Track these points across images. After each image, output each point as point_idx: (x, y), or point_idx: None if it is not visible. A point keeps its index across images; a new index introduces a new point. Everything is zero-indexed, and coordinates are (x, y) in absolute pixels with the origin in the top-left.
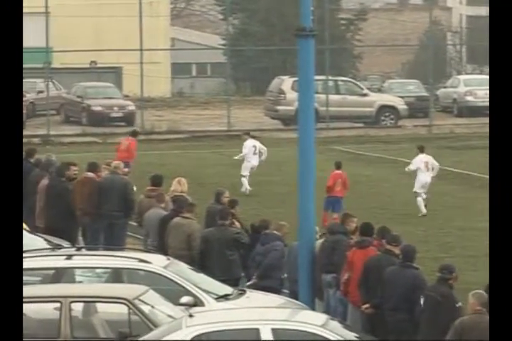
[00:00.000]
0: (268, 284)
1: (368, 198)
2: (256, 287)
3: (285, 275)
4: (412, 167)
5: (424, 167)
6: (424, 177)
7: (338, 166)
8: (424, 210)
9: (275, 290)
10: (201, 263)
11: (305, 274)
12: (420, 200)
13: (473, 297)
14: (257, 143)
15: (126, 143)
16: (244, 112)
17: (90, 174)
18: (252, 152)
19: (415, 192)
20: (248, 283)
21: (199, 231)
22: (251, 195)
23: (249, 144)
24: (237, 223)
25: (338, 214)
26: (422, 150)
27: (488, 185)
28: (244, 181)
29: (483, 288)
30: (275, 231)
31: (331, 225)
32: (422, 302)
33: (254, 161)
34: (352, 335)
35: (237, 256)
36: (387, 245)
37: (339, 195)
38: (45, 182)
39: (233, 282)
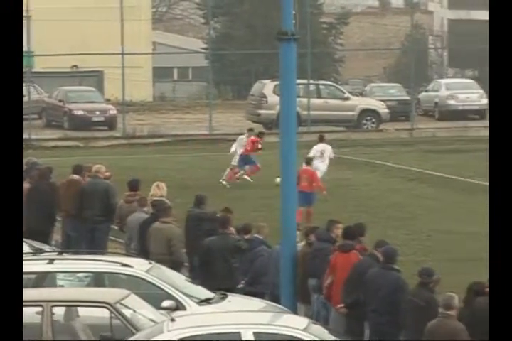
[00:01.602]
0: (257, 290)
1: (349, 202)
2: (245, 292)
3: None
4: (311, 154)
5: (319, 155)
6: (317, 164)
7: (307, 162)
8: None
9: (264, 296)
10: (203, 272)
11: (287, 278)
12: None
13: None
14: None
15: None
16: (226, 116)
17: (75, 176)
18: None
19: None
20: (238, 286)
21: (180, 236)
22: (235, 198)
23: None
24: (231, 229)
25: (302, 209)
26: (321, 139)
27: (469, 188)
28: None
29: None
30: (256, 235)
31: (319, 232)
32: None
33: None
34: (334, 339)
35: (238, 264)
36: (374, 250)
37: (306, 189)
38: (25, 185)
39: (234, 289)
